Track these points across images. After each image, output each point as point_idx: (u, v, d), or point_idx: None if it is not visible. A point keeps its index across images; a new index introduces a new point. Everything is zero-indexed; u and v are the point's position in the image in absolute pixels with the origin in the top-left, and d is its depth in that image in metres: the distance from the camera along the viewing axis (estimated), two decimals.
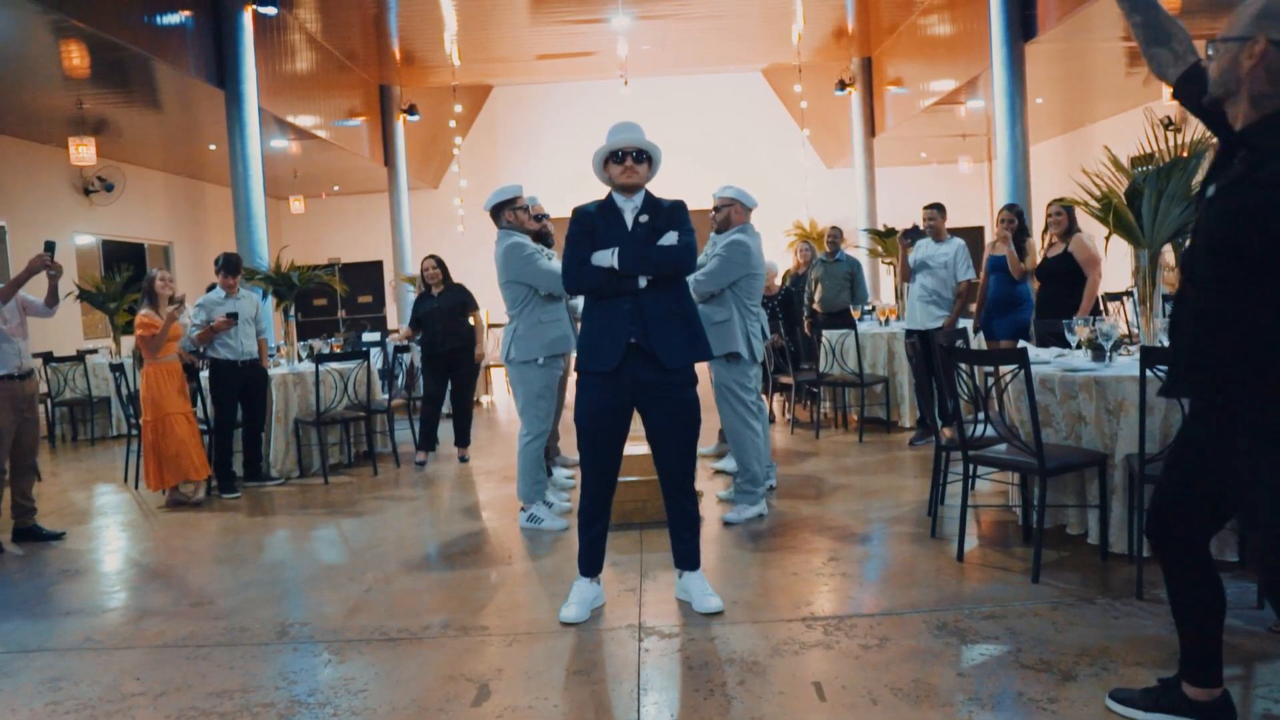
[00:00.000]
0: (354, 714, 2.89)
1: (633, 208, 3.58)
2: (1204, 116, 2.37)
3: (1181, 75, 2.43)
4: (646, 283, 3.49)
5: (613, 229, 3.55)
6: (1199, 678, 2.46)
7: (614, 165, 3.56)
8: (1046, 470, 3.71)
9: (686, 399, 3.55)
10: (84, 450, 9.16)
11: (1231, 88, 2.15)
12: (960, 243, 6.79)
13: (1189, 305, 2.25)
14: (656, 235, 3.54)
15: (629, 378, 3.49)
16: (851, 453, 6.75)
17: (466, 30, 12.77)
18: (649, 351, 3.46)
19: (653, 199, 3.63)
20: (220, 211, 15.71)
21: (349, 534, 5.22)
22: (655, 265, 3.48)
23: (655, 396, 3.51)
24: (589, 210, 3.63)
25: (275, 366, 7.20)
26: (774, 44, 14.51)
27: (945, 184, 17.66)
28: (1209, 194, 2.20)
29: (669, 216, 3.59)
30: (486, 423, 9.66)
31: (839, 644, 3.22)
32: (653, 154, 3.61)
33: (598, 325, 3.53)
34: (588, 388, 3.56)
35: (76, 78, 9.33)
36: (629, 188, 3.57)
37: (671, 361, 3.48)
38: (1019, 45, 9.89)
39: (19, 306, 5.36)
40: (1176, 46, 2.44)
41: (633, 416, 3.59)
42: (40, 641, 3.70)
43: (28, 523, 5.40)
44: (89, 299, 10.42)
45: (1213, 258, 2.15)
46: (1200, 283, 2.21)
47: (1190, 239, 2.28)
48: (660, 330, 3.48)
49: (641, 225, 3.55)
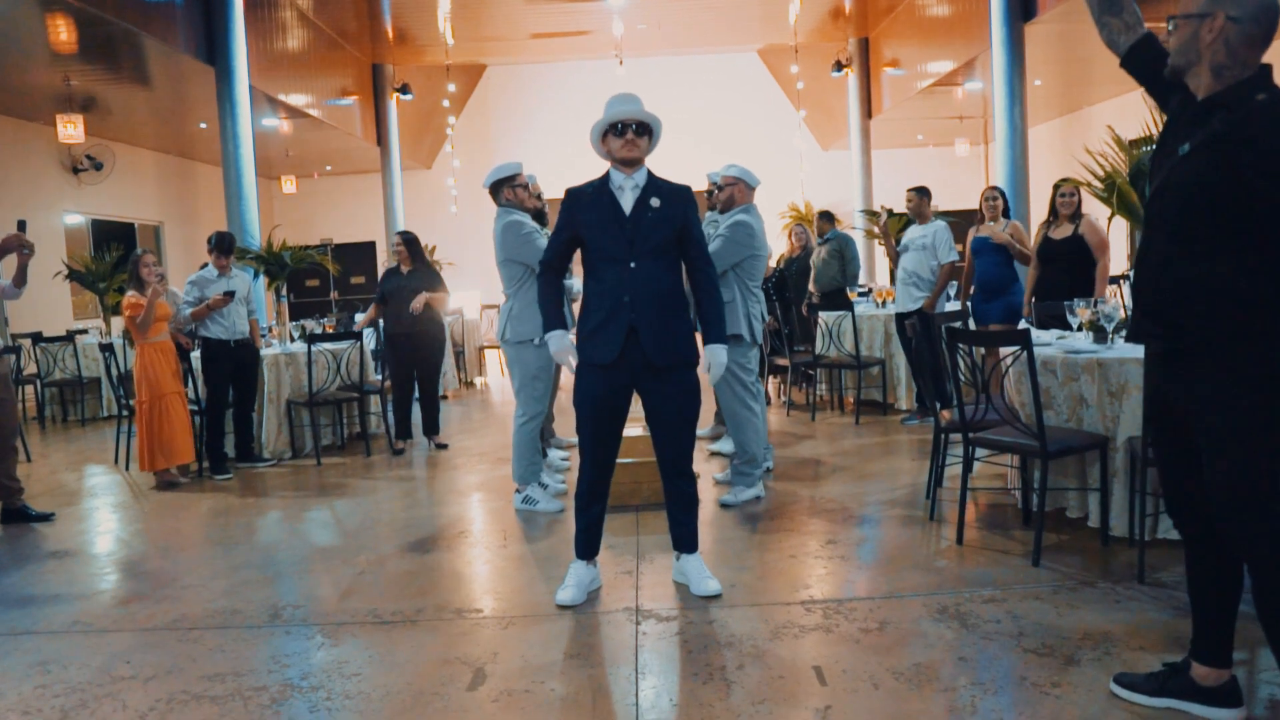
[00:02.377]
0: (347, 698, 2.85)
1: (633, 186, 3.48)
2: (1151, 85, 2.54)
3: (1132, 45, 2.57)
4: (636, 265, 3.41)
5: (605, 216, 3.44)
6: (1210, 657, 2.45)
7: (614, 138, 3.45)
8: (1048, 453, 3.68)
9: (687, 381, 3.49)
10: (74, 431, 9.08)
11: (1192, 59, 2.31)
12: (942, 224, 6.77)
13: (1156, 252, 2.38)
14: (665, 223, 3.44)
15: (628, 364, 3.43)
16: (848, 435, 6.72)
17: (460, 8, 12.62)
18: (642, 346, 3.40)
19: (656, 180, 3.52)
20: (211, 191, 15.55)
21: (342, 516, 5.17)
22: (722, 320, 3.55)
23: (655, 379, 3.45)
24: (583, 194, 3.51)
25: (267, 347, 7.12)
26: (770, 24, 14.38)
27: (942, 166, 17.58)
28: (1183, 151, 2.31)
29: (680, 206, 3.49)
30: (481, 404, 9.61)
31: (839, 627, 3.19)
32: (654, 127, 3.52)
33: (596, 315, 3.45)
34: (587, 375, 3.49)
35: (64, 53, 9.18)
36: (630, 162, 3.48)
37: (662, 360, 3.42)
38: (1018, 26, 9.80)
39: None
40: (1127, 17, 2.59)
41: (632, 399, 3.54)
42: (29, 624, 3.65)
43: (15, 503, 5.33)
44: (78, 279, 10.31)
45: (1184, 209, 2.29)
46: (1167, 231, 2.34)
47: (1156, 190, 2.39)
48: (652, 325, 3.39)
49: (651, 210, 3.44)
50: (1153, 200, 2.42)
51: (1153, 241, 2.40)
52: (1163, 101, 2.52)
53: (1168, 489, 2.52)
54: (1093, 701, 2.58)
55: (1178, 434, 2.43)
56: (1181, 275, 2.31)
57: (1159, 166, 2.41)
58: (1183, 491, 2.46)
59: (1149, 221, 2.43)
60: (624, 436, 3.67)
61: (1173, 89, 2.43)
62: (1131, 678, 2.60)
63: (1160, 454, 2.52)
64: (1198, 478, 2.38)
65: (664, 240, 3.45)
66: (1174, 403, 2.40)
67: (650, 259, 3.42)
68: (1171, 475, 2.49)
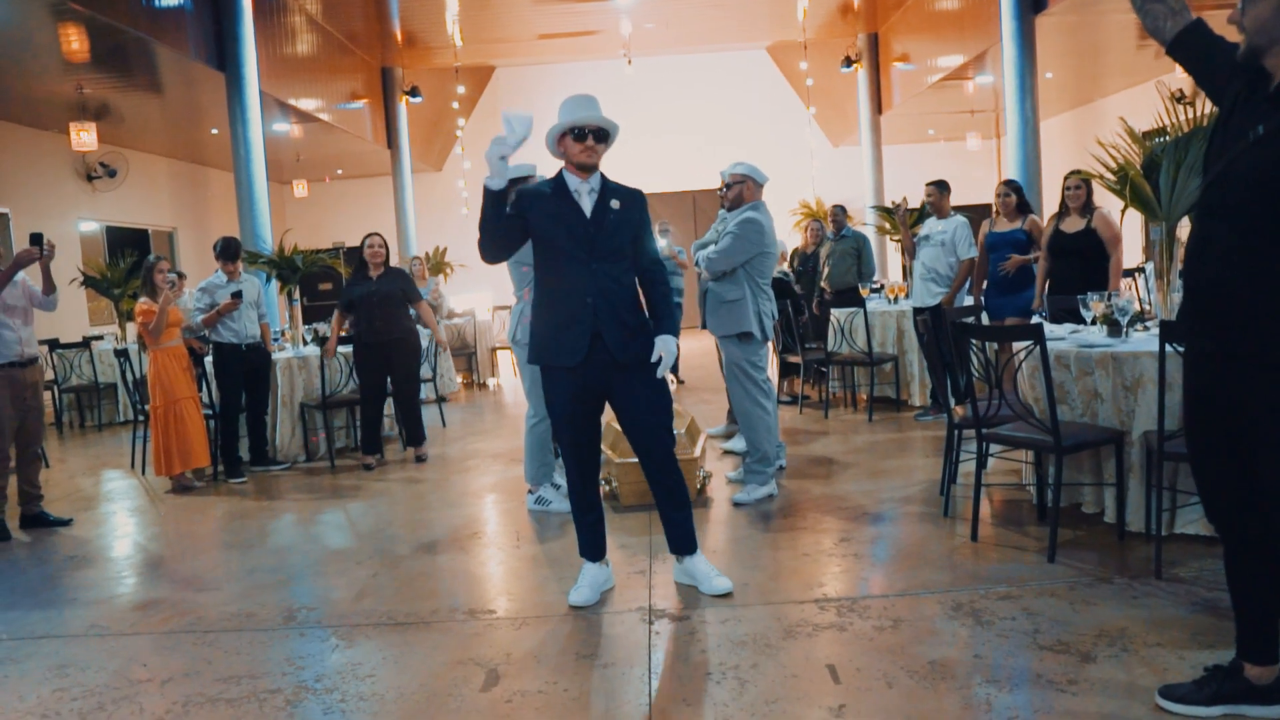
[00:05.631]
0: (361, 699, 2.86)
1: (589, 190, 3.46)
2: (1201, 72, 2.40)
3: (1180, 30, 2.44)
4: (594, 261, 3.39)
5: (565, 217, 3.41)
6: (1261, 655, 2.38)
7: (573, 143, 3.42)
8: (1063, 448, 3.65)
9: (653, 376, 3.48)
10: (91, 436, 9.15)
11: (1275, 35, 2.15)
12: (962, 220, 6.73)
13: (1216, 244, 2.23)
14: (626, 225, 3.45)
15: (595, 364, 3.42)
16: (861, 432, 6.70)
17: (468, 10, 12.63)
18: (607, 345, 3.40)
19: (610, 182, 3.52)
20: (224, 196, 15.63)
21: (355, 518, 5.19)
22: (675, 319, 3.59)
23: (622, 378, 3.45)
24: (539, 194, 3.45)
25: (280, 351, 7.15)
26: (779, 21, 14.33)
27: (953, 161, 17.48)
28: (1255, 135, 2.17)
29: (637, 209, 3.51)
30: (493, 405, 9.63)
31: (852, 625, 3.18)
32: (612, 132, 3.50)
33: (556, 318, 3.43)
34: (555, 381, 3.48)
35: (76, 62, 9.24)
36: (588, 167, 3.45)
37: (626, 356, 3.42)
38: (1029, 18, 9.73)
39: (25, 295, 5.32)
40: (1173, 3, 2.45)
41: (604, 402, 3.54)
42: (48, 628, 3.68)
43: (34, 509, 5.38)
44: (94, 285, 10.38)
45: (1254, 197, 2.15)
46: (1230, 221, 2.21)
47: (1218, 177, 2.25)
48: (615, 326, 3.40)
49: (613, 212, 3.43)
50: (1211, 187, 2.27)
51: (1212, 232, 2.26)
52: (1214, 89, 2.38)
53: (1208, 489, 2.42)
54: (1109, 698, 2.56)
55: (1223, 434, 2.33)
56: (1245, 271, 2.17)
57: (1220, 152, 2.27)
58: (1225, 491, 2.37)
59: (1207, 210, 2.28)
60: None
61: (1231, 75, 2.29)
62: (1179, 689, 2.48)
63: (1201, 454, 2.41)
64: (1242, 477, 2.31)
65: (624, 242, 3.47)
66: (1224, 404, 2.30)
67: (611, 260, 3.43)
68: (1213, 476, 2.39)
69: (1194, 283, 2.31)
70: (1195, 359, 2.39)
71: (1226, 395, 2.29)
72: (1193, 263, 2.31)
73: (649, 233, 3.59)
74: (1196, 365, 2.39)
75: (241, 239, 9.66)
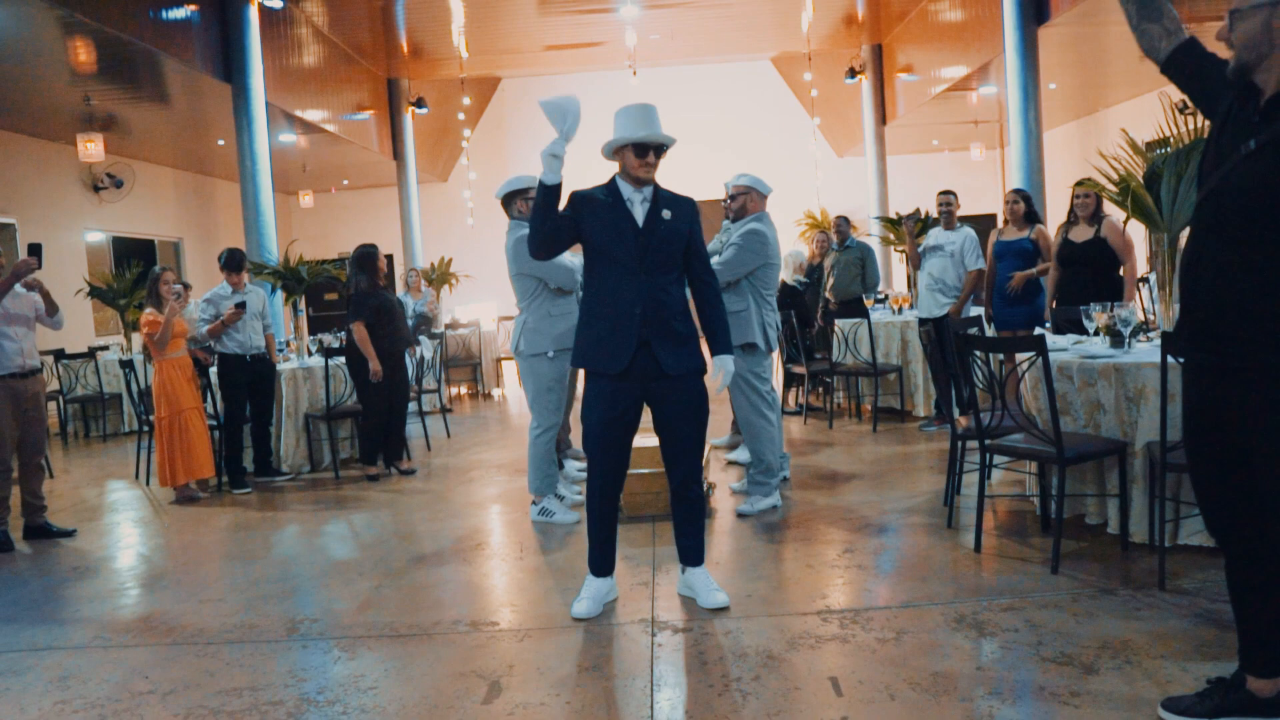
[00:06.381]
0: (364, 712, 2.86)
1: (643, 199, 3.47)
2: (1195, 89, 2.42)
3: (1173, 49, 2.46)
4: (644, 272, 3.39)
5: (619, 225, 3.42)
6: (1264, 668, 2.37)
7: (634, 157, 3.43)
8: (1065, 459, 3.64)
9: (697, 389, 3.49)
10: (96, 447, 9.18)
11: (1263, 51, 2.16)
12: (969, 231, 6.74)
13: (1210, 260, 2.24)
14: (677, 236, 3.45)
15: (639, 373, 3.42)
16: (865, 443, 6.69)
17: (474, 22, 12.71)
18: (654, 355, 3.40)
19: (663, 191, 3.52)
20: (230, 207, 15.70)
21: (359, 529, 5.19)
22: None
23: (665, 388, 3.45)
24: (593, 199, 3.47)
25: (285, 361, 7.17)
26: (783, 32, 14.39)
27: (957, 171, 17.51)
28: (1247, 149, 2.17)
29: (688, 218, 3.51)
30: (498, 416, 9.63)
31: (855, 637, 3.17)
32: (668, 147, 3.53)
33: (603, 324, 3.43)
34: (597, 389, 3.47)
35: (84, 74, 9.31)
36: (645, 181, 3.48)
37: (675, 369, 3.42)
38: (1032, 29, 9.75)
39: (30, 306, 5.34)
40: (1167, 23, 2.47)
41: (642, 412, 3.53)
42: (50, 640, 3.68)
43: (38, 520, 5.39)
44: (99, 296, 10.42)
45: (1246, 212, 2.16)
46: (1224, 236, 2.22)
47: (1211, 192, 2.26)
48: (664, 337, 3.40)
49: (664, 223, 3.43)
50: (1205, 203, 2.28)
51: (1206, 247, 2.26)
52: (1208, 105, 2.40)
53: (1208, 502, 2.41)
54: (1112, 711, 2.55)
55: (1222, 446, 2.33)
56: (1241, 286, 2.17)
57: (1212, 168, 2.28)
58: (1224, 503, 2.36)
59: (1201, 225, 2.29)
60: (637, 446, 3.67)
61: (1223, 91, 2.30)
62: (1182, 701, 2.47)
63: (1201, 466, 2.41)
64: (1242, 489, 2.31)
65: (675, 253, 3.47)
66: (1223, 416, 2.30)
67: (661, 271, 3.43)
68: (1214, 488, 2.39)
69: (1189, 297, 2.32)
70: (1193, 371, 2.39)
71: (1225, 407, 2.29)
72: (1188, 277, 2.32)
73: (701, 240, 3.56)
74: (1195, 378, 2.39)
75: (247, 249, 9.73)
